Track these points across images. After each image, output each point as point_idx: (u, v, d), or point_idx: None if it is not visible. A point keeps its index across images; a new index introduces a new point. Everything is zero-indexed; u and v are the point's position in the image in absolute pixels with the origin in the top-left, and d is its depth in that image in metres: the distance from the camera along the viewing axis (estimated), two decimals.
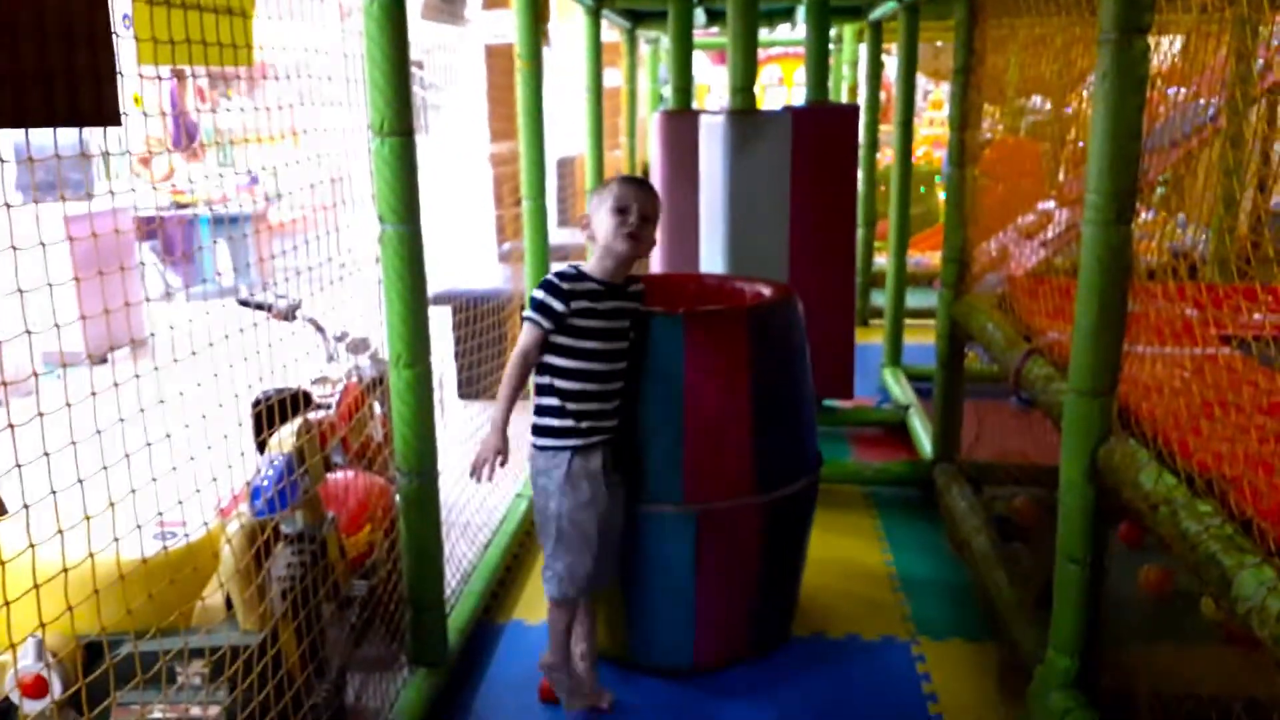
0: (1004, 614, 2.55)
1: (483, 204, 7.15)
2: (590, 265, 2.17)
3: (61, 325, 1.69)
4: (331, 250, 2.33)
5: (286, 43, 2.07)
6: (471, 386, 3.98)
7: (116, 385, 1.68)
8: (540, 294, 2.10)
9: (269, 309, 3.03)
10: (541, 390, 2.16)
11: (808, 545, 2.60)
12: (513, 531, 3.17)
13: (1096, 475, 1.91)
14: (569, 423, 2.14)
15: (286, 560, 1.86)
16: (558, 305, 2.09)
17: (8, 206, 1.47)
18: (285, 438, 1.84)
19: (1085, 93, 3.59)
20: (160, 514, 1.65)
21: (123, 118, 1.03)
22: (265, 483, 1.74)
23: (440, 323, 4.73)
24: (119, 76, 0.99)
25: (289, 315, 3.04)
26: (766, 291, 2.58)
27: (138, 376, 1.67)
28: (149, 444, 1.61)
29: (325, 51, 2.16)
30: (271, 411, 2.18)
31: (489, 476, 2.11)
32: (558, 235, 6.67)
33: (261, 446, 2.00)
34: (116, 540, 1.55)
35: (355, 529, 2.42)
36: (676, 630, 2.42)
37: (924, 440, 3.93)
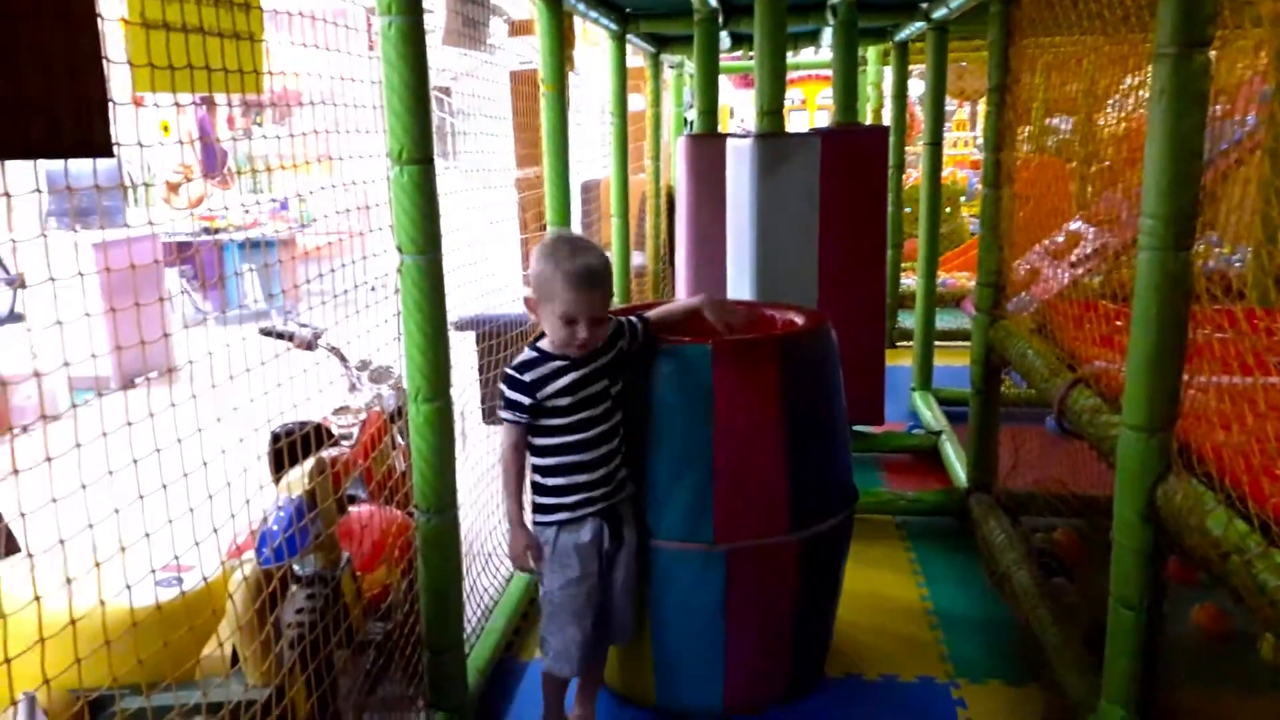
0: (1049, 656, 2.42)
1: (509, 228, 7.15)
2: (549, 342, 2.07)
3: (94, 353, 1.66)
4: (359, 276, 2.27)
5: (316, 70, 2.02)
6: (496, 414, 3.91)
7: (130, 424, 1.62)
8: (506, 391, 2.04)
9: (291, 338, 2.98)
10: (532, 470, 2.13)
11: (842, 585, 2.49)
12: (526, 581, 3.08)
13: (1155, 517, 1.80)
14: (553, 499, 2.09)
15: (298, 606, 1.78)
16: (524, 399, 2.02)
17: (44, 235, 1.45)
18: (296, 480, 1.76)
19: (1114, 110, 3.51)
20: (176, 558, 1.58)
21: (115, 148, 0.96)
22: (275, 529, 1.67)
23: (464, 349, 4.68)
24: (111, 105, 0.93)
25: (311, 344, 2.99)
26: (798, 318, 2.49)
27: (152, 414, 1.60)
28: (164, 485, 1.55)
29: (355, 79, 2.12)
30: (290, 447, 2.12)
31: (535, 567, 2.12)
32: None
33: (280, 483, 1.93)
34: (129, 588, 1.48)
35: (372, 567, 2.34)
36: (705, 673, 2.32)
37: (957, 467, 3.81)
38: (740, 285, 3.33)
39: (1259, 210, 3.66)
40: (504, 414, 2.04)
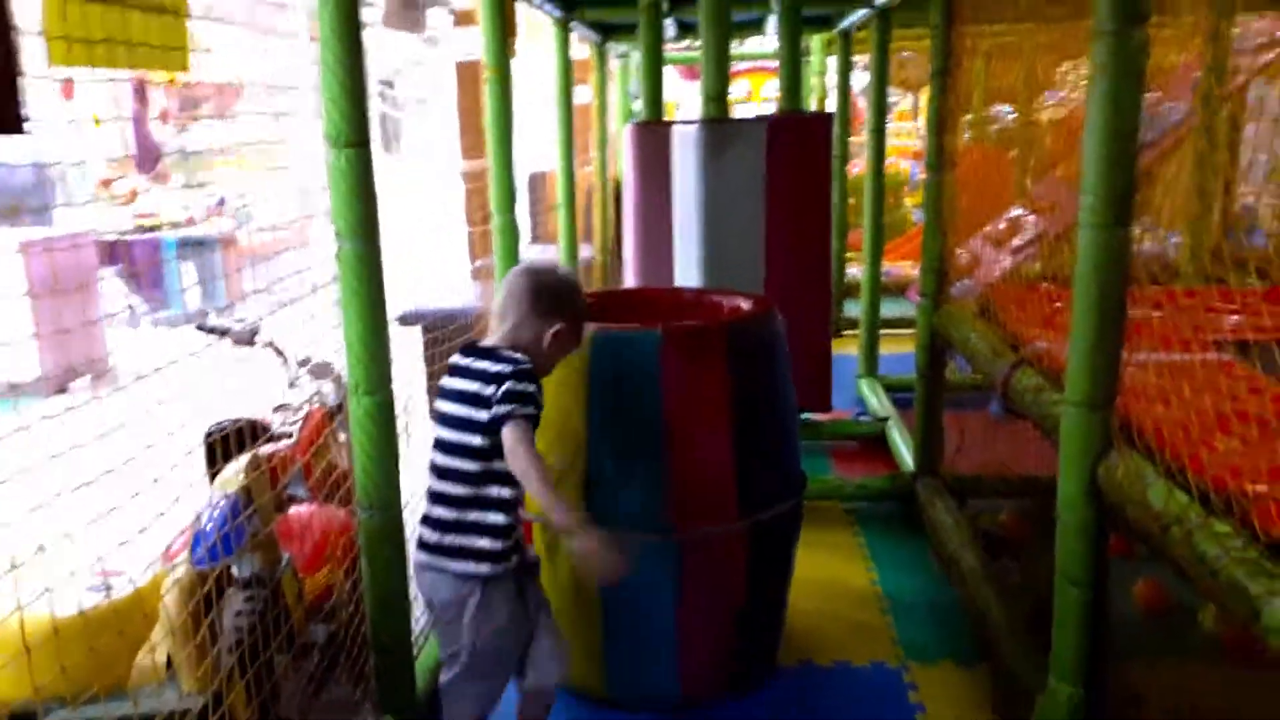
0: (996, 636, 2.45)
1: (454, 221, 7.05)
2: (525, 349, 1.87)
3: (17, 352, 1.58)
4: (300, 269, 2.20)
5: (257, 56, 1.94)
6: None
7: (45, 417, 1.54)
8: (527, 386, 1.78)
9: (227, 334, 2.89)
10: (477, 504, 1.81)
11: (793, 570, 2.49)
12: None
13: (1098, 493, 1.82)
14: (505, 543, 1.83)
15: (237, 609, 1.72)
16: (543, 400, 1.81)
17: None
18: (231, 476, 1.70)
19: (1052, 97, 3.56)
20: (99, 560, 1.51)
21: (25, 125, 0.90)
22: (208, 527, 1.60)
23: (409, 343, 4.60)
24: (21, 78, 0.86)
25: (248, 340, 2.90)
26: (745, 304, 2.48)
27: (68, 409, 1.53)
28: (86, 483, 1.47)
29: (298, 68, 2.03)
30: (225, 443, 2.04)
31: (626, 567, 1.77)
32: (529, 251, 6.56)
33: (215, 481, 1.86)
34: (48, 593, 1.40)
35: (315, 568, 2.27)
36: (659, 664, 2.30)
37: (904, 453, 3.84)
38: (687, 272, 3.31)
39: (1191, 192, 3.75)
40: (525, 409, 1.75)
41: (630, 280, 3.87)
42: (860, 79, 8.60)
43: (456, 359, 1.90)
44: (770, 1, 4.08)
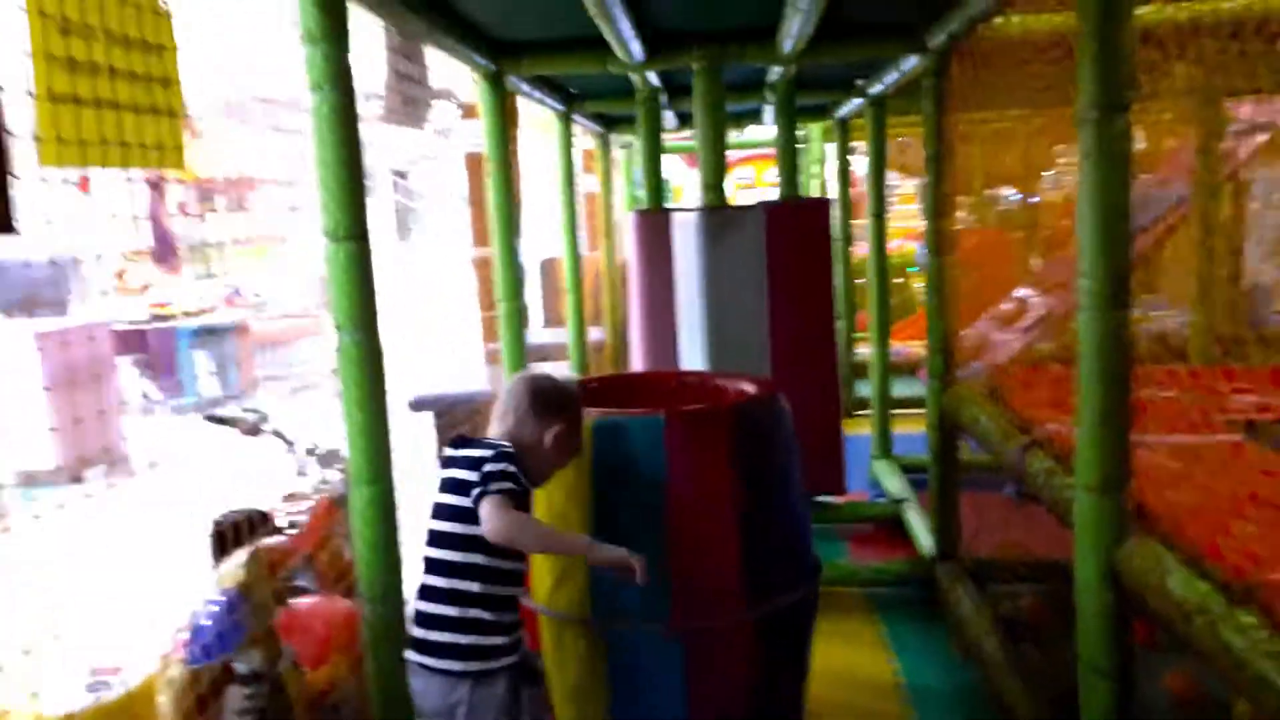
0: None
1: (467, 307, 7.15)
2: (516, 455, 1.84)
3: (33, 441, 1.60)
4: (311, 356, 2.21)
5: (273, 152, 1.99)
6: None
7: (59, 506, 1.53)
8: (507, 466, 1.77)
9: (236, 424, 2.90)
10: (464, 599, 1.75)
11: (809, 662, 2.40)
12: None
13: (1116, 579, 1.76)
14: (495, 639, 1.77)
15: (238, 707, 1.67)
16: (524, 485, 1.81)
17: None
18: (229, 572, 1.67)
19: (1051, 179, 3.61)
20: (91, 656, 1.47)
21: (16, 225, 0.91)
22: (204, 625, 1.56)
23: (423, 429, 4.60)
24: (10, 180, 0.88)
25: (256, 430, 2.90)
26: (749, 388, 2.46)
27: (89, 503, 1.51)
28: (75, 585, 1.45)
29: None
30: (232, 535, 2.02)
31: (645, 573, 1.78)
32: (541, 335, 6.61)
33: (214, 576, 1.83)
34: (34, 695, 1.36)
35: (321, 661, 2.22)
36: None
37: (921, 535, 3.76)
38: (692, 356, 3.31)
39: (1193, 271, 3.76)
40: (502, 484, 1.72)
41: (637, 363, 3.88)
42: (862, 163, 8.79)
43: (447, 450, 1.88)
44: (765, 92, 4.19)
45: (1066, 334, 3.63)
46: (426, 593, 1.78)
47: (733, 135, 9.43)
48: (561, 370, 5.02)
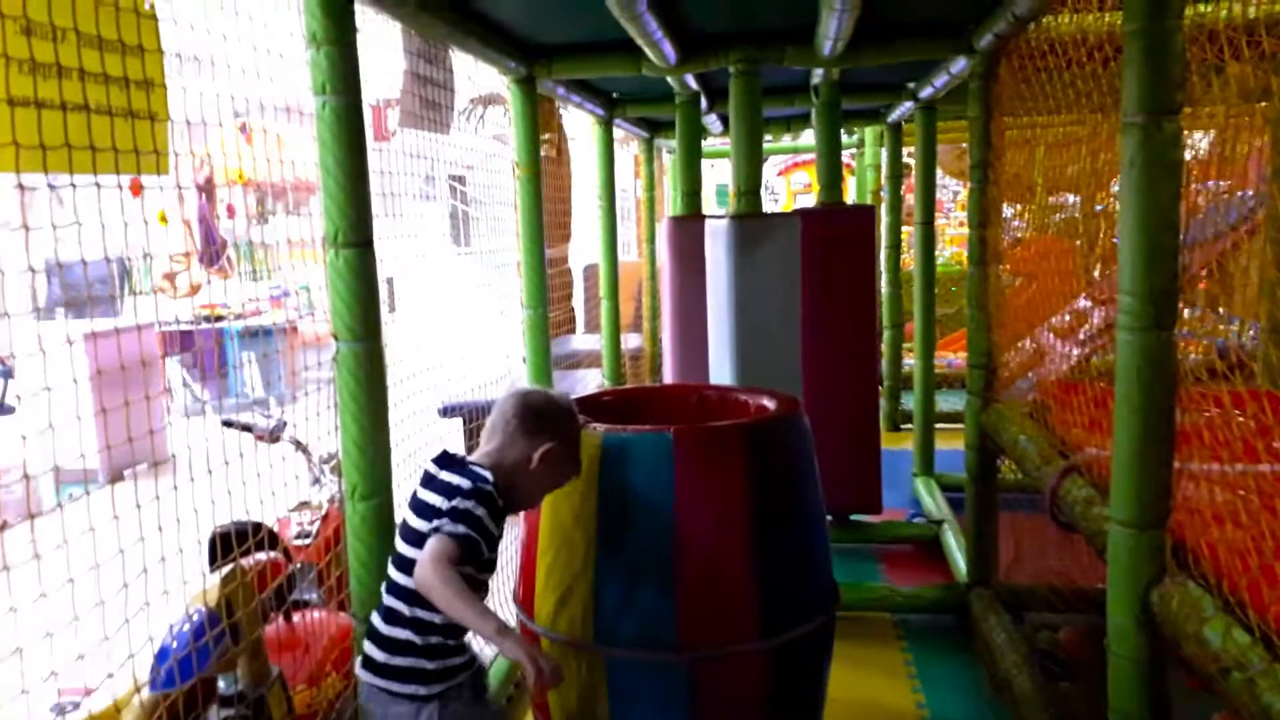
0: None
1: (512, 311, 7.15)
2: (498, 470, 1.74)
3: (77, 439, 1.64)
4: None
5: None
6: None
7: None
8: (476, 508, 1.65)
9: (252, 430, 2.89)
10: (429, 628, 1.67)
11: (825, 695, 2.29)
12: (508, 666, 2.90)
13: (1151, 622, 1.62)
14: (454, 660, 1.71)
15: None
16: (495, 531, 1.69)
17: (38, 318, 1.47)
18: (204, 590, 1.63)
19: (1114, 187, 3.43)
20: (53, 676, 1.44)
21: None
22: (174, 644, 1.52)
23: (452, 434, 4.57)
24: None
25: (274, 436, 2.89)
26: (769, 404, 2.35)
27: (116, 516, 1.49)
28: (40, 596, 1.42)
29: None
30: (229, 547, 1.99)
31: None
32: (580, 341, 6.56)
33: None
34: None
35: (318, 679, 2.18)
36: None
37: (959, 559, 3.60)
38: (721, 369, 3.22)
39: (1264, 285, 3.53)
40: (457, 528, 1.61)
41: (668, 373, 3.79)
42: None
43: (428, 467, 1.79)
44: (810, 96, 4.07)
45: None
46: (390, 616, 1.70)
47: (786, 139, 9.30)
48: (594, 378, 4.95)
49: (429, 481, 1.75)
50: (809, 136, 9.60)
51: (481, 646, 1.80)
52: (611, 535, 2.05)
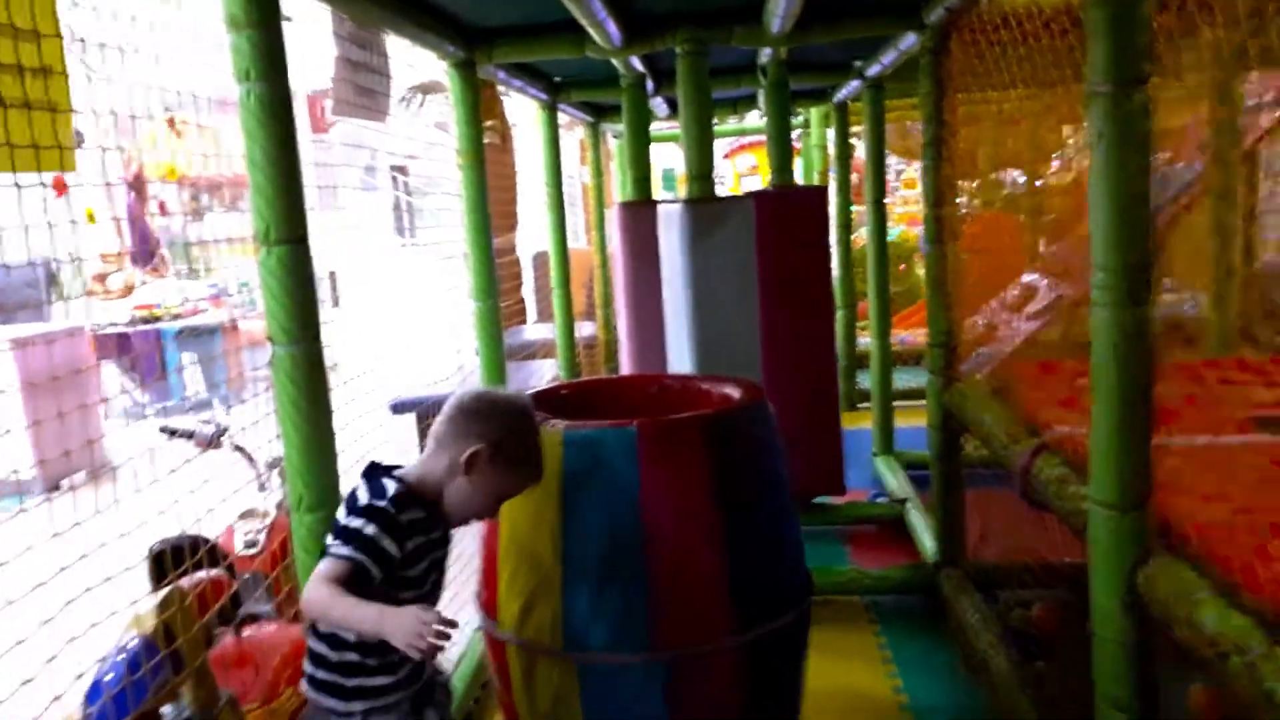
0: None
1: (461, 303, 7.00)
2: (422, 480, 1.62)
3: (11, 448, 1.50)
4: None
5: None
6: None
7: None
8: (364, 525, 1.51)
9: (191, 436, 2.74)
10: (341, 644, 1.57)
11: (803, 687, 2.23)
12: (471, 673, 2.80)
13: (1138, 604, 1.58)
14: (387, 678, 1.59)
15: None
16: (392, 549, 1.52)
17: None
18: (139, 616, 1.50)
19: (1057, 160, 3.43)
20: None
21: None
22: (110, 677, 1.40)
23: (405, 432, 4.43)
24: None
25: (214, 442, 2.74)
26: (733, 392, 2.28)
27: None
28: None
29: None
30: (170, 562, 1.86)
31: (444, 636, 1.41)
32: (532, 332, 6.43)
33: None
34: None
35: (273, 694, 2.06)
36: None
37: (925, 538, 3.58)
38: (680, 357, 3.14)
39: (1209, 255, 3.55)
40: (343, 549, 1.48)
41: (625, 364, 3.70)
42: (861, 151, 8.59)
43: (357, 479, 1.66)
44: (757, 76, 3.99)
45: (1077, 322, 3.45)
46: (312, 627, 1.60)
47: (731, 122, 9.24)
48: (548, 369, 4.83)
49: (348, 496, 1.62)
50: (754, 118, 9.58)
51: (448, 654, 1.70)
52: (576, 536, 1.96)
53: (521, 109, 7.11)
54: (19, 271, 5.48)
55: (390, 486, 1.58)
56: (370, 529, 1.51)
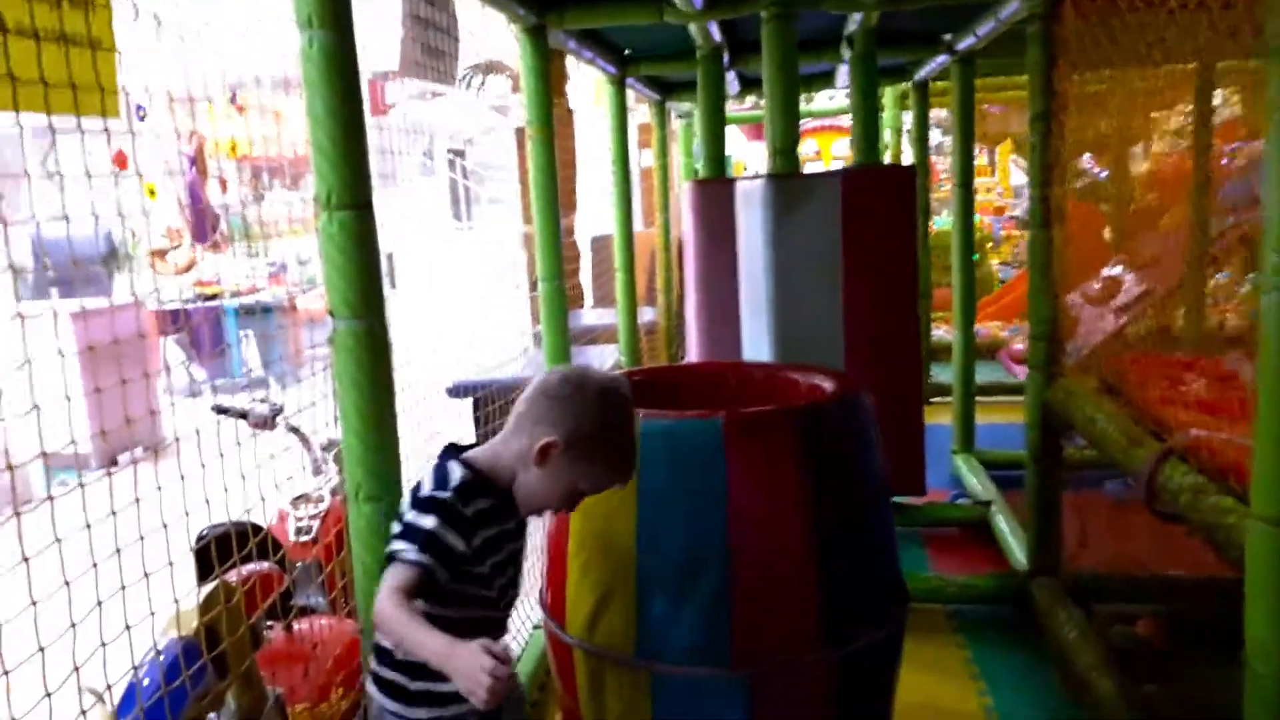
0: None
1: (517, 287, 6.91)
2: (494, 465, 1.48)
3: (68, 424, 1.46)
4: None
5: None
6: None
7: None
8: (427, 520, 1.37)
9: (245, 416, 2.63)
10: (388, 661, 1.48)
11: (893, 706, 2.04)
12: (530, 673, 2.66)
13: None
14: (428, 712, 1.46)
15: None
16: (459, 544, 1.39)
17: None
18: (179, 617, 1.37)
19: (1151, 147, 3.15)
20: None
21: None
22: (145, 684, 1.27)
23: (462, 415, 4.32)
24: None
25: (268, 423, 2.63)
26: (826, 383, 2.09)
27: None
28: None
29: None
30: (220, 553, 1.74)
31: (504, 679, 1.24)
32: (591, 316, 6.28)
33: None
34: None
35: (323, 695, 1.94)
36: None
37: (1012, 544, 3.35)
38: (757, 345, 2.95)
39: None
40: (407, 552, 1.34)
41: (692, 352, 3.52)
42: (932, 137, 8.25)
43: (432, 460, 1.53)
44: (841, 49, 3.76)
45: (1169, 315, 3.17)
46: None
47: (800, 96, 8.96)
48: (609, 354, 4.67)
49: (416, 480, 1.49)
50: (822, 100, 9.27)
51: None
52: (655, 534, 1.79)
53: (580, 91, 6.97)
54: (82, 246, 5.49)
55: (455, 473, 1.44)
56: (429, 522, 1.37)
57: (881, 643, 1.91)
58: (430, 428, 3.02)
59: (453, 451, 1.51)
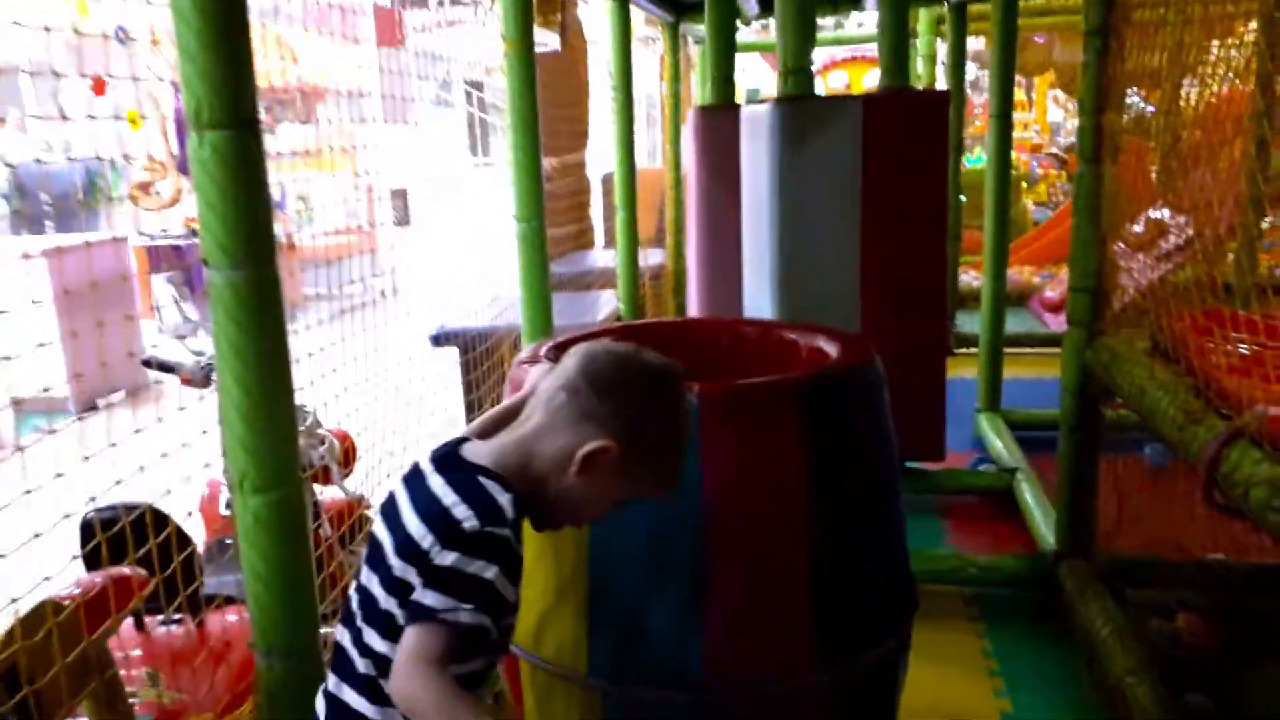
0: None
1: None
2: (524, 469, 1.14)
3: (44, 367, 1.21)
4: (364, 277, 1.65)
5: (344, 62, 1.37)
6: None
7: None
8: (486, 569, 1.03)
9: (176, 370, 2.36)
10: (389, 703, 1.10)
11: None
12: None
13: None
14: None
15: None
16: (510, 593, 1.08)
17: None
18: None
19: (1205, 81, 2.76)
20: None
21: None
22: None
23: (448, 364, 4.04)
24: None
25: (203, 379, 2.35)
26: (831, 348, 1.76)
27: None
28: None
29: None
30: (114, 542, 1.48)
31: None
32: (604, 258, 5.92)
33: None
34: None
35: (234, 702, 1.69)
36: None
37: (1038, 520, 3.04)
38: (758, 295, 2.62)
39: None
40: (459, 613, 1.01)
41: (692, 301, 3.20)
42: (968, 71, 7.72)
43: (422, 464, 1.18)
44: None
45: (1220, 262, 2.81)
46: (341, 669, 1.13)
47: (826, 29, 8.42)
48: (607, 301, 4.33)
49: (416, 494, 1.13)
50: (851, 27, 8.68)
51: None
52: (611, 528, 1.50)
53: (597, 21, 6.53)
54: (60, 178, 5.21)
55: (502, 498, 1.09)
56: (490, 572, 1.03)
57: (883, 661, 1.62)
58: (415, 389, 2.76)
59: (455, 453, 1.17)
